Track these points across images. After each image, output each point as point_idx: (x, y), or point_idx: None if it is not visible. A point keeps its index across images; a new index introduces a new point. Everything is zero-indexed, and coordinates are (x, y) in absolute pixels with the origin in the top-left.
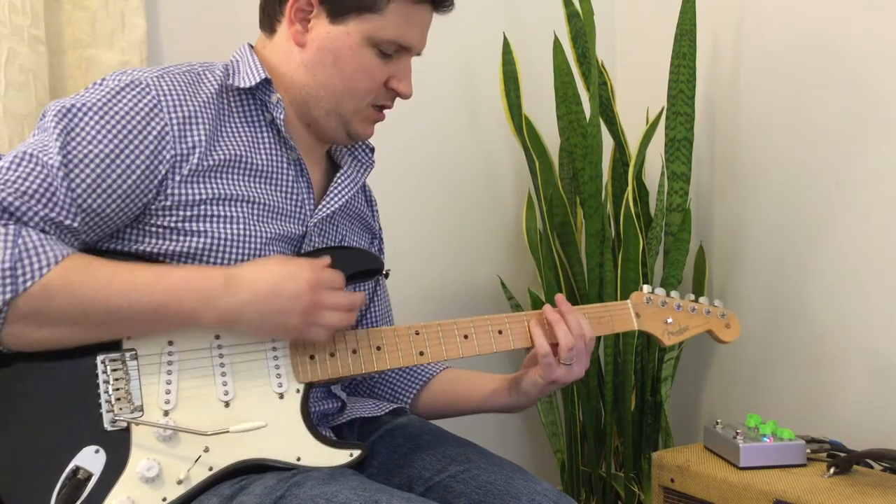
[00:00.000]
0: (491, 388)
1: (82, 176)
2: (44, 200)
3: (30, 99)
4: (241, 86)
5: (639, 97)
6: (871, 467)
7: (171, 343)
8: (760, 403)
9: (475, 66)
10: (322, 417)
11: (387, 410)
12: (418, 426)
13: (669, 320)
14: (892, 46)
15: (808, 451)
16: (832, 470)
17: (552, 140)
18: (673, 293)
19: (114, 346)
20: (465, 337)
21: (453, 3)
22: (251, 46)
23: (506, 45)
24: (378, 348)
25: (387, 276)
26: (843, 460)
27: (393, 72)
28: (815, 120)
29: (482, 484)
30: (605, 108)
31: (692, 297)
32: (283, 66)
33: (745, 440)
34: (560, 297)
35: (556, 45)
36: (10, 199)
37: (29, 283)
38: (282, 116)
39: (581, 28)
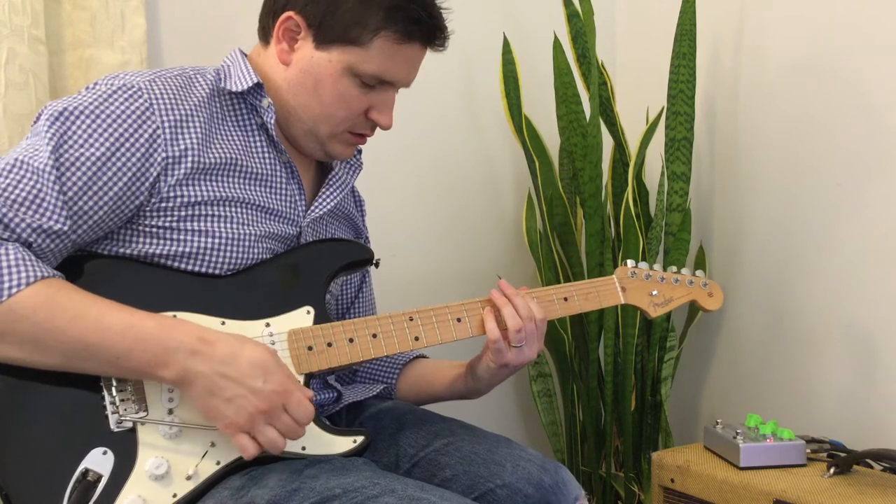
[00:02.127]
0: (451, 377)
1: (74, 178)
2: (33, 207)
3: (30, 99)
4: (233, 89)
5: (639, 97)
6: (871, 467)
7: None
8: (760, 403)
9: (475, 66)
10: (319, 408)
11: (375, 392)
12: (403, 408)
13: (654, 292)
14: (892, 46)
15: (808, 451)
16: (832, 470)
17: (552, 140)
18: (656, 266)
19: None
20: (458, 320)
21: (445, 43)
22: (242, 52)
23: (506, 45)
24: (374, 336)
25: (377, 265)
26: (843, 460)
27: (374, 103)
28: (815, 120)
29: (466, 454)
30: (605, 108)
31: (674, 268)
32: (272, 78)
33: (745, 440)
34: (503, 282)
35: (556, 45)
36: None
37: None
38: (272, 120)
39: (581, 28)
